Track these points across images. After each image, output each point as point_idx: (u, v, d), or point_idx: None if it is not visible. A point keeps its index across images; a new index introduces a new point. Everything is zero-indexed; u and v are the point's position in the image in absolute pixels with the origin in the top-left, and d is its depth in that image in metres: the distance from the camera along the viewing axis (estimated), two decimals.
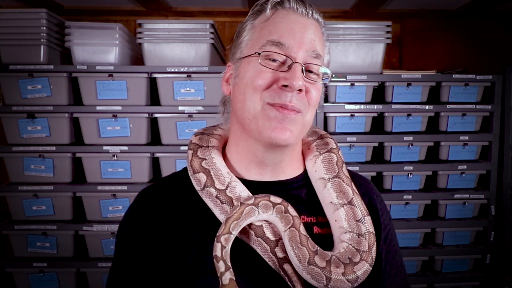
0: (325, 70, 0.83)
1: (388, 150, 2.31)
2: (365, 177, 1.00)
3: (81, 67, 2.12)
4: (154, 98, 2.23)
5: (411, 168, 2.29)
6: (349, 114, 2.27)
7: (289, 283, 0.78)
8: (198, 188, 0.83)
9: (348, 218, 0.83)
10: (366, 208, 0.86)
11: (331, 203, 0.85)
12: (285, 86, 0.77)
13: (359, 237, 0.81)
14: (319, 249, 0.78)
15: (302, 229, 0.78)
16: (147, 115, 2.17)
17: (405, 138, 2.27)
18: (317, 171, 0.88)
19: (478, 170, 2.34)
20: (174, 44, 2.16)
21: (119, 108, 2.14)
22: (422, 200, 2.32)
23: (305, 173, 0.91)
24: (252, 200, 0.77)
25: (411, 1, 2.52)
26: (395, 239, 0.95)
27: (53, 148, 2.15)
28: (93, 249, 2.21)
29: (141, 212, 0.88)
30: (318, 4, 0.85)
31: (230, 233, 0.74)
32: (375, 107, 2.26)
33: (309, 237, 0.78)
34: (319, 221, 0.86)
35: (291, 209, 0.79)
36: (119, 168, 2.19)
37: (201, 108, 2.16)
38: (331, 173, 0.87)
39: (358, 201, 0.85)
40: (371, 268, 0.80)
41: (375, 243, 0.83)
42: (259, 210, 0.77)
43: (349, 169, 0.93)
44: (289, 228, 0.77)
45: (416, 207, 2.34)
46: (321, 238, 0.84)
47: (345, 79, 2.22)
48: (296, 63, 0.78)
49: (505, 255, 2.35)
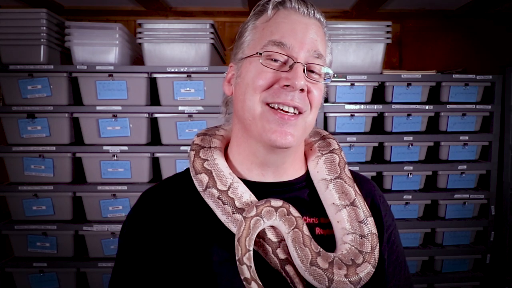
0: (327, 70, 0.83)
1: (388, 150, 2.31)
2: (367, 178, 0.99)
3: (81, 67, 2.11)
4: (154, 98, 2.22)
5: (411, 168, 2.29)
6: (349, 114, 2.27)
7: (291, 285, 0.77)
8: (200, 189, 0.83)
9: (350, 219, 0.82)
10: (368, 209, 0.85)
11: (333, 204, 0.84)
12: (287, 86, 0.77)
13: (361, 238, 0.81)
14: (321, 250, 0.77)
15: (305, 229, 0.78)
16: (147, 115, 2.17)
17: (405, 138, 2.27)
18: (319, 172, 0.88)
19: (478, 170, 2.34)
20: (174, 44, 2.16)
21: (119, 108, 2.14)
22: (422, 200, 2.32)
23: (307, 174, 0.91)
24: (254, 211, 0.75)
25: (411, 1, 2.53)
26: (398, 239, 0.94)
27: (53, 148, 2.15)
28: (93, 249, 2.21)
29: (144, 213, 0.87)
30: (318, 4, 0.85)
31: (248, 251, 0.73)
32: (375, 107, 2.26)
33: (312, 237, 0.78)
34: (321, 222, 0.86)
35: (293, 210, 0.79)
36: (119, 168, 2.18)
37: (201, 108, 2.15)
38: (333, 174, 0.86)
39: (360, 202, 0.85)
40: (374, 269, 0.80)
41: (378, 245, 0.83)
42: (263, 219, 0.76)
43: (351, 169, 0.93)
44: (292, 229, 0.77)
45: (416, 207, 2.34)
46: (323, 239, 0.83)
47: (345, 79, 2.22)
48: (297, 63, 0.78)
49: (505, 255, 2.36)
